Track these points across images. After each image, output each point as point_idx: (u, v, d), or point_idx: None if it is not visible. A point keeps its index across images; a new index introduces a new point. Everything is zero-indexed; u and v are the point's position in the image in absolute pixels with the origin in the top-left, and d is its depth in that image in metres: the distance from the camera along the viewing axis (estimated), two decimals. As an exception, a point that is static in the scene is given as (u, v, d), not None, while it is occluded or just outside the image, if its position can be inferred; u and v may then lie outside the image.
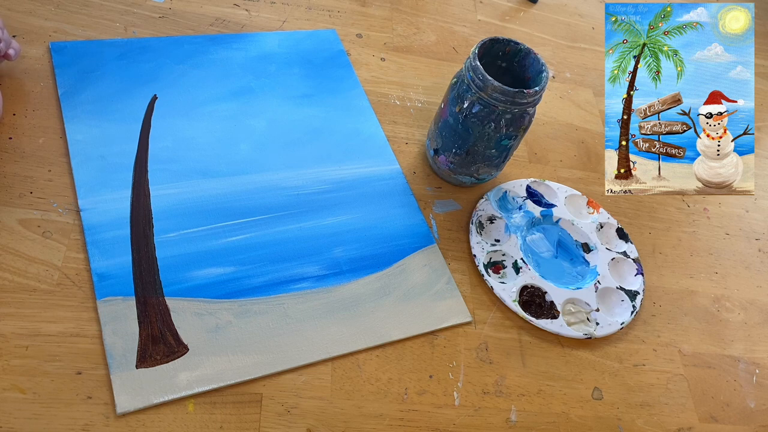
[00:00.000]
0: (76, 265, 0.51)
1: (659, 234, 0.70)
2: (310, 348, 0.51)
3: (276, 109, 0.67)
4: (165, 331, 0.49)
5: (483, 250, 0.61)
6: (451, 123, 0.60)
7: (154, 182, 0.58)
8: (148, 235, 0.54)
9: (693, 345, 0.62)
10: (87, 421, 0.44)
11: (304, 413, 0.48)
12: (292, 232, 0.58)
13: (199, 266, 0.53)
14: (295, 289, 0.54)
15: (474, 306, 0.58)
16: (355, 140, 0.67)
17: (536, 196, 0.67)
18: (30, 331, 0.47)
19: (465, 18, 0.88)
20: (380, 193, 0.63)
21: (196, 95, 0.66)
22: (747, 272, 0.70)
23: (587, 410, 0.55)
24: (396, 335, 0.54)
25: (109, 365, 0.46)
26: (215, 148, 0.62)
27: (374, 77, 0.75)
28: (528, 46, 0.60)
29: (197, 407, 0.46)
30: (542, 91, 0.57)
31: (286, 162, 0.63)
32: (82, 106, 0.61)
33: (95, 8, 0.70)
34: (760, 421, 0.58)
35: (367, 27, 0.80)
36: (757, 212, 0.77)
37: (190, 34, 0.71)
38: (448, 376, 0.53)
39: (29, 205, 0.53)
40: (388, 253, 0.59)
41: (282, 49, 0.73)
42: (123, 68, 0.65)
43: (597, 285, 0.61)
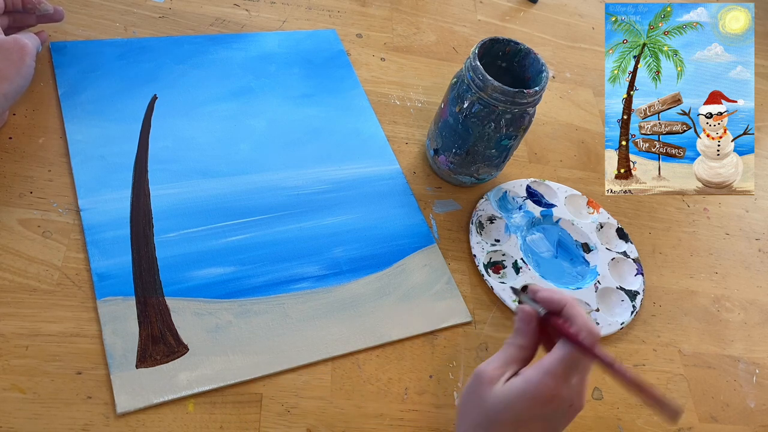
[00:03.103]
0: (76, 265, 0.51)
1: (659, 234, 0.70)
2: (310, 348, 0.51)
3: (276, 109, 0.67)
4: (165, 331, 0.49)
5: (483, 250, 0.61)
6: (451, 123, 0.60)
7: (154, 182, 0.58)
8: (148, 235, 0.54)
9: (693, 345, 0.62)
10: (87, 421, 0.44)
11: (304, 413, 0.48)
12: (292, 232, 0.58)
13: (199, 266, 0.53)
14: (295, 289, 0.54)
15: (474, 306, 0.58)
16: (355, 140, 0.67)
17: (536, 196, 0.67)
18: (30, 331, 0.47)
19: (465, 18, 0.88)
20: (380, 193, 0.63)
21: (196, 95, 0.66)
22: (747, 272, 0.70)
23: (587, 410, 0.55)
24: (396, 335, 0.54)
25: (109, 365, 0.46)
26: (215, 148, 0.62)
27: (374, 77, 0.75)
28: (528, 46, 0.60)
29: (197, 407, 0.47)
30: (542, 91, 0.57)
31: (286, 162, 0.63)
32: (82, 106, 0.61)
33: (95, 8, 0.70)
34: (760, 421, 0.58)
35: (367, 27, 0.80)
36: (757, 212, 0.77)
37: (190, 34, 0.71)
38: (448, 376, 0.53)
39: (29, 205, 0.53)
40: (388, 253, 0.59)
41: (282, 49, 0.73)
42: (123, 68, 0.65)
43: (597, 285, 0.61)
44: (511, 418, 0.40)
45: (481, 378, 0.42)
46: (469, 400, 0.42)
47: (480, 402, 0.41)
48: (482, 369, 0.42)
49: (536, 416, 0.40)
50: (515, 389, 0.40)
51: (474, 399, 0.42)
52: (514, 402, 0.40)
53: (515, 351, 0.43)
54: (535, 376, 0.40)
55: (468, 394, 0.43)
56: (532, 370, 0.40)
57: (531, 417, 0.40)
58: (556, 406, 0.40)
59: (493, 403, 0.40)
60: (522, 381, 0.40)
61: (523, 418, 0.40)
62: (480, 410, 0.41)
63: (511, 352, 0.43)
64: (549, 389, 0.39)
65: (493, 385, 0.41)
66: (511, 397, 0.40)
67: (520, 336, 0.43)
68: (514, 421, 0.40)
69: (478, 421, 0.41)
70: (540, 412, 0.40)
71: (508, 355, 0.43)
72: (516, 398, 0.40)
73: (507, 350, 0.43)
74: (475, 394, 0.42)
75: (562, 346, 0.41)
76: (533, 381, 0.40)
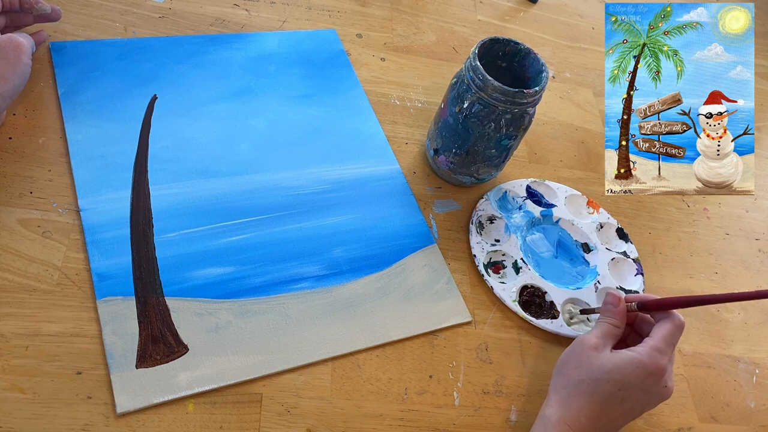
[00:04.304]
0: (76, 265, 0.51)
1: (659, 234, 0.70)
2: (310, 348, 0.51)
3: (276, 109, 0.67)
4: (165, 331, 0.49)
5: (483, 250, 0.61)
6: (451, 123, 0.60)
7: (154, 182, 0.58)
8: (148, 235, 0.54)
9: (693, 345, 0.62)
10: (87, 421, 0.44)
11: (304, 413, 0.48)
12: (292, 232, 0.58)
13: (199, 266, 0.53)
14: (295, 289, 0.54)
15: (474, 306, 0.58)
16: (355, 140, 0.67)
17: (536, 196, 0.67)
18: (30, 331, 0.47)
19: (465, 18, 0.88)
20: (380, 193, 0.63)
21: (196, 95, 0.66)
22: (747, 272, 0.70)
23: (587, 410, 0.55)
24: (396, 335, 0.54)
25: (109, 365, 0.46)
26: (215, 148, 0.62)
27: (374, 77, 0.75)
28: (528, 46, 0.60)
29: (197, 407, 0.47)
30: (542, 91, 0.57)
31: (286, 162, 0.63)
32: (82, 106, 0.61)
33: (95, 8, 0.70)
34: (760, 421, 0.58)
35: (367, 27, 0.80)
36: (757, 212, 0.77)
37: (190, 34, 0.71)
38: (448, 376, 0.53)
39: (29, 205, 0.53)
40: (388, 253, 0.59)
41: (282, 49, 0.73)
42: (123, 68, 0.65)
43: (597, 285, 0.61)
44: (617, 378, 0.45)
45: (584, 344, 0.48)
46: (571, 360, 0.48)
47: (585, 363, 0.47)
48: (584, 338, 0.48)
49: (639, 385, 0.45)
50: (625, 356, 0.46)
51: (577, 360, 0.47)
52: (624, 366, 0.45)
53: (610, 328, 0.49)
54: (644, 349, 0.46)
55: (570, 356, 0.48)
56: (639, 346, 0.47)
57: (635, 384, 0.45)
58: (657, 380, 0.46)
59: (601, 363, 0.46)
60: (632, 351, 0.46)
61: (628, 382, 0.45)
62: (585, 369, 0.46)
63: (607, 328, 0.49)
64: (655, 362, 0.45)
65: (598, 351, 0.47)
66: (621, 362, 0.46)
67: (610, 316, 0.50)
68: (619, 381, 0.45)
69: (582, 378, 0.46)
70: (643, 382, 0.45)
71: (605, 329, 0.49)
72: (626, 364, 0.45)
73: (602, 326, 0.49)
74: (579, 356, 0.48)
75: (660, 326, 0.48)
76: (643, 353, 0.46)
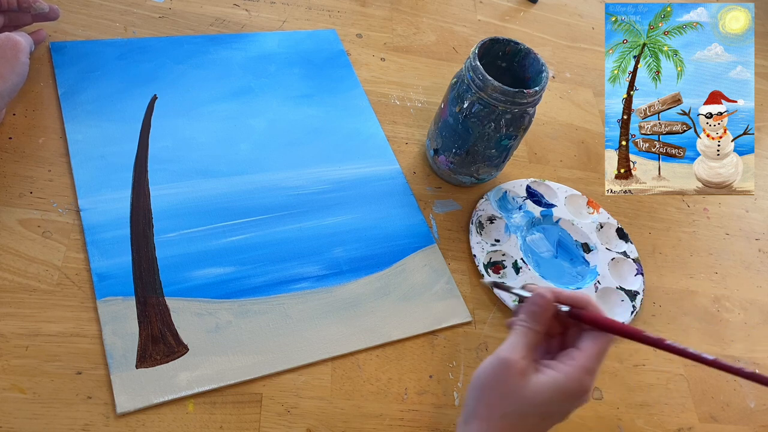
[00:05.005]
0: (76, 265, 0.51)
1: (659, 234, 0.70)
2: (310, 348, 0.51)
3: (276, 109, 0.67)
4: (165, 331, 0.49)
5: (483, 250, 0.61)
6: (451, 123, 0.60)
7: (154, 182, 0.58)
8: (148, 235, 0.54)
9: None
10: (87, 421, 0.44)
11: (304, 413, 0.48)
12: (292, 232, 0.58)
13: (199, 266, 0.53)
14: (295, 289, 0.54)
15: (474, 306, 0.58)
16: (355, 140, 0.67)
17: (536, 196, 0.67)
18: (30, 331, 0.47)
19: (465, 18, 0.88)
20: (380, 193, 0.63)
21: (196, 95, 0.66)
22: (747, 272, 0.70)
23: (587, 410, 0.55)
24: (396, 335, 0.54)
25: (109, 365, 0.46)
26: (215, 148, 0.62)
27: (374, 77, 0.75)
28: (528, 46, 0.60)
29: (197, 407, 0.46)
30: (542, 91, 0.57)
31: (286, 162, 0.63)
32: (82, 106, 0.61)
33: (95, 8, 0.70)
34: (760, 421, 0.58)
35: (367, 27, 0.80)
36: (757, 212, 0.77)
37: (190, 34, 0.71)
38: (448, 376, 0.53)
39: (29, 205, 0.53)
40: (388, 253, 0.59)
41: (282, 49, 0.73)
42: (123, 68, 0.65)
43: (597, 285, 0.61)
44: (543, 410, 0.40)
45: (510, 368, 0.40)
46: (495, 386, 0.41)
47: (511, 393, 0.40)
48: (509, 358, 0.41)
49: (564, 410, 0.41)
50: (554, 384, 0.40)
51: (502, 388, 0.40)
52: (552, 396, 0.40)
53: (533, 336, 0.42)
54: (575, 373, 0.40)
55: (493, 380, 0.41)
56: (569, 367, 0.41)
57: (560, 409, 0.41)
58: (581, 402, 0.41)
59: (530, 395, 0.40)
60: (562, 377, 0.40)
61: (554, 411, 0.41)
62: (510, 401, 0.40)
63: (531, 338, 0.42)
64: (585, 386, 0.40)
65: (525, 376, 0.40)
66: (550, 392, 0.40)
67: (536, 321, 0.42)
68: (545, 413, 0.40)
69: (507, 411, 0.40)
70: (569, 406, 0.41)
71: (529, 340, 0.42)
72: (554, 393, 0.40)
73: (527, 335, 0.42)
74: (504, 383, 0.40)
75: (594, 341, 0.41)
76: (573, 377, 0.40)
